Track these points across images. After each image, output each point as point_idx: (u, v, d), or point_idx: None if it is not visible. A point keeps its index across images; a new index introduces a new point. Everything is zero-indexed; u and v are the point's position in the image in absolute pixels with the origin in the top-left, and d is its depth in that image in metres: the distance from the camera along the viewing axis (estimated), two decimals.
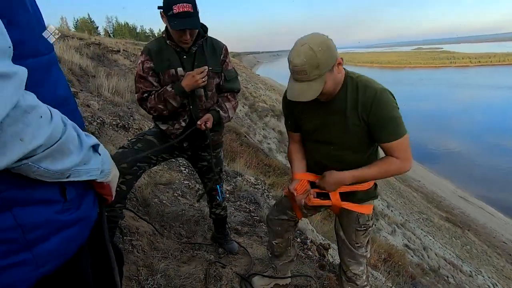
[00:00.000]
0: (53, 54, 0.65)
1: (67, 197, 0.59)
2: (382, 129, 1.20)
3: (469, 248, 11.22)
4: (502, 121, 30.47)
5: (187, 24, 1.34)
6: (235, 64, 32.01)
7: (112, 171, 0.71)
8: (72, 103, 0.70)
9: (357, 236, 1.44)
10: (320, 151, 1.36)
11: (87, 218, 0.66)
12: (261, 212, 2.79)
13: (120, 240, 1.74)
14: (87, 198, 0.67)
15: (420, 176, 19.02)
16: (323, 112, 1.27)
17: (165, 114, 1.53)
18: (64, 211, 0.59)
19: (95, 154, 0.63)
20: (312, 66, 1.08)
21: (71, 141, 0.54)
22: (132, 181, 1.48)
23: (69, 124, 0.55)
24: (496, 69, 78.69)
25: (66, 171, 0.54)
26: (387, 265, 4.62)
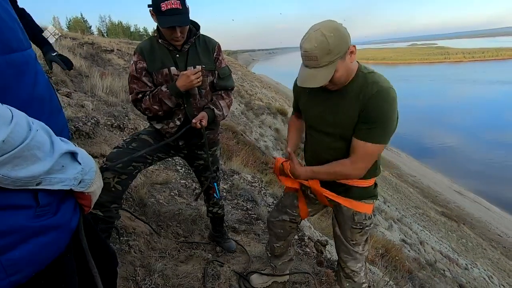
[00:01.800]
0: (29, 52, 0.61)
1: (40, 201, 0.56)
2: (365, 123, 1.16)
3: (465, 242, 11.36)
4: (496, 115, 30.80)
5: (176, 21, 1.32)
6: (230, 62, 31.89)
7: (96, 182, 0.67)
8: (55, 104, 0.66)
9: (353, 234, 1.43)
10: (318, 140, 1.35)
11: (65, 225, 0.63)
12: (258, 210, 2.79)
13: (116, 241, 1.73)
14: (66, 204, 0.64)
15: (416, 171, 19.17)
16: (330, 100, 1.25)
17: (160, 115, 1.52)
18: (37, 217, 0.56)
19: (73, 163, 0.59)
20: (323, 52, 1.05)
21: (39, 147, 0.50)
22: (127, 181, 1.46)
23: (37, 128, 0.50)
24: (489, 64, 79.38)
25: (33, 178, 0.51)
26: (384, 260, 4.66)
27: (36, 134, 0.49)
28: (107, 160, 1.42)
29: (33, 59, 0.62)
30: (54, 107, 0.66)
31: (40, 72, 0.63)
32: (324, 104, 1.27)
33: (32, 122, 0.50)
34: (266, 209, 2.94)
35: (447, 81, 55.70)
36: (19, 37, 0.58)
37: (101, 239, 0.95)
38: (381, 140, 1.16)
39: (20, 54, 0.57)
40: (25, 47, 0.60)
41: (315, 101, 1.31)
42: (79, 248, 0.72)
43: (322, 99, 1.28)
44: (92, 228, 0.90)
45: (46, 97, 0.63)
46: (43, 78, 0.64)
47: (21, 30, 0.60)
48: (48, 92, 0.65)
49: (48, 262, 0.60)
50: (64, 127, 0.70)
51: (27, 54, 0.60)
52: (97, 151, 2.59)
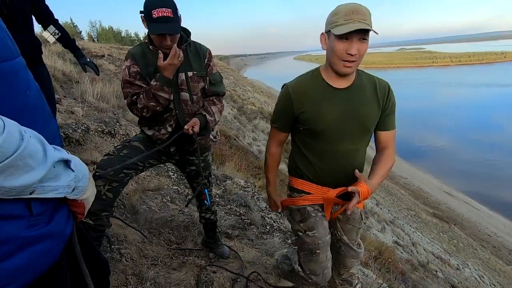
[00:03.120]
0: (19, 61, 0.61)
1: (33, 211, 0.56)
2: (391, 116, 1.29)
3: (456, 242, 11.53)
4: (482, 117, 31.59)
5: (166, 29, 1.32)
6: (222, 67, 31.95)
7: (89, 189, 0.67)
8: (47, 112, 0.66)
9: (358, 235, 1.44)
10: (335, 149, 1.25)
11: (58, 233, 0.63)
12: (251, 215, 2.79)
13: (107, 249, 1.71)
14: (60, 212, 0.63)
15: (407, 173, 19.44)
16: (342, 100, 1.22)
17: (158, 111, 1.48)
18: (31, 226, 0.56)
19: (67, 170, 0.59)
20: (369, 13, 1.10)
21: (32, 156, 0.49)
22: (118, 188, 1.45)
23: (29, 137, 0.50)
24: (475, 68, 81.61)
25: (26, 188, 0.50)
26: (378, 262, 4.69)
27: (28, 143, 0.49)
28: (98, 167, 1.40)
29: (23, 68, 0.61)
30: (46, 114, 0.66)
31: (31, 80, 0.63)
32: (338, 106, 1.22)
33: (25, 131, 0.49)
34: (259, 214, 2.94)
35: (435, 84, 56.97)
36: (7, 47, 0.58)
37: (92, 247, 0.94)
38: (395, 124, 1.33)
39: (10, 64, 0.57)
40: (14, 56, 0.59)
41: (328, 104, 1.22)
42: (72, 257, 0.72)
43: (335, 100, 1.22)
44: (83, 236, 0.89)
45: (38, 105, 0.63)
46: (35, 86, 0.64)
47: (10, 39, 0.60)
48: (40, 100, 0.64)
49: (43, 272, 0.60)
50: (56, 134, 0.70)
51: (17, 63, 0.59)
52: (88, 158, 2.55)
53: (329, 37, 1.16)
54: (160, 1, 1.30)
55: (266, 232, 2.60)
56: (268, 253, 2.26)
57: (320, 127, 1.23)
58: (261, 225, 2.71)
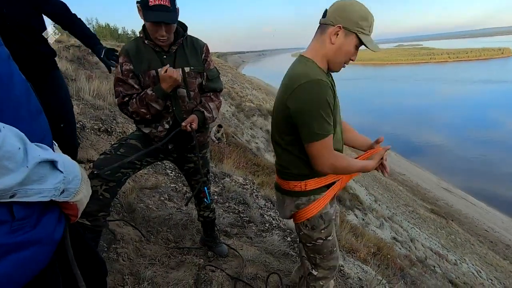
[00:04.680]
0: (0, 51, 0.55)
1: (15, 215, 0.52)
2: None
3: (454, 238, 11.61)
4: (480, 113, 31.71)
5: (162, 17, 1.28)
6: (220, 64, 31.80)
7: (82, 190, 0.63)
8: (33, 107, 0.61)
9: None
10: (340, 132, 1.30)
11: (46, 239, 0.59)
12: (250, 213, 2.77)
13: (104, 249, 1.68)
14: (48, 216, 0.59)
15: (405, 169, 19.51)
16: None
17: (148, 118, 1.47)
18: (13, 232, 0.52)
19: (54, 172, 0.54)
20: None
21: (9, 157, 0.45)
22: (116, 188, 1.42)
23: (5, 135, 0.45)
24: (473, 64, 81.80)
25: (4, 192, 0.46)
26: (377, 258, 4.70)
27: (4, 142, 0.44)
28: (95, 167, 1.37)
29: (5, 59, 0.56)
30: (33, 110, 0.61)
31: (15, 73, 0.58)
32: None
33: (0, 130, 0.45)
34: (258, 211, 2.92)
35: (433, 81, 57.07)
36: None
37: (89, 247, 0.91)
38: None
39: None
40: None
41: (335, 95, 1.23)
42: (65, 259, 0.68)
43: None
44: (79, 235, 0.86)
45: (23, 100, 0.58)
46: (19, 79, 0.59)
47: None
48: (25, 94, 0.59)
49: (29, 280, 0.56)
50: (46, 132, 0.65)
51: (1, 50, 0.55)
52: (84, 157, 2.51)
53: (348, 37, 1.09)
54: None
55: (265, 230, 2.58)
56: (268, 251, 2.24)
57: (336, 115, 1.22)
58: (260, 223, 2.69)
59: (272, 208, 3.18)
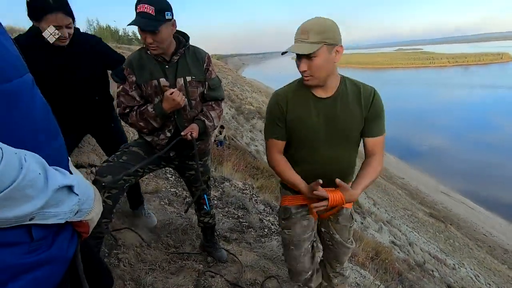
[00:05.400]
0: (25, 78, 0.57)
1: (34, 236, 0.53)
2: (377, 122, 1.28)
3: (452, 242, 11.62)
4: (478, 118, 31.85)
5: (142, 23, 1.31)
6: (220, 66, 31.88)
7: (94, 209, 0.65)
8: (52, 129, 0.63)
9: (349, 232, 1.49)
10: (319, 154, 1.29)
11: (60, 257, 0.60)
12: (249, 218, 2.79)
13: (105, 254, 1.70)
14: (62, 235, 0.61)
15: (404, 173, 19.56)
16: (324, 108, 1.25)
17: (145, 132, 1.53)
18: (31, 252, 0.53)
19: (70, 195, 0.56)
20: (317, 28, 1.12)
21: (31, 185, 0.46)
22: (118, 195, 1.44)
23: (29, 164, 0.46)
24: (472, 69, 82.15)
25: (25, 217, 0.48)
26: (375, 262, 4.71)
27: (28, 172, 0.45)
28: (98, 174, 1.40)
29: (30, 85, 0.58)
30: (52, 132, 0.63)
31: (36, 96, 0.60)
32: (320, 114, 1.25)
33: (25, 159, 0.46)
34: (257, 216, 2.94)
35: (433, 85, 57.29)
36: (13, 64, 0.55)
37: (95, 257, 0.93)
38: (385, 128, 1.32)
39: (15, 82, 0.54)
40: (21, 74, 0.56)
41: (308, 113, 1.26)
42: (74, 274, 0.70)
43: (317, 109, 1.25)
44: (86, 246, 0.88)
45: (43, 123, 0.60)
46: (40, 102, 0.61)
47: (16, 57, 0.57)
48: (45, 118, 0.61)
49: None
50: (63, 152, 0.67)
51: (23, 81, 0.56)
52: (85, 161, 2.54)
53: None
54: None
55: (264, 235, 2.60)
56: (267, 257, 2.26)
57: (302, 133, 1.29)
58: (259, 228, 2.71)
59: (271, 213, 3.21)
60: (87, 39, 1.66)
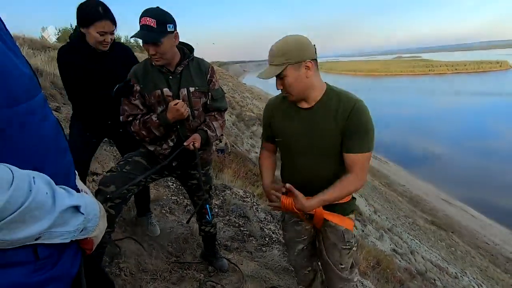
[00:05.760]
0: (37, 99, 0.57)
1: (39, 255, 0.54)
2: (355, 138, 1.21)
3: (454, 250, 11.51)
4: (478, 125, 31.88)
5: (142, 36, 1.36)
6: (221, 73, 32.10)
7: (99, 227, 0.65)
8: (62, 147, 0.63)
9: (342, 256, 1.38)
10: (299, 162, 1.33)
11: (65, 275, 0.61)
12: (250, 227, 2.79)
13: (106, 264, 1.70)
14: (66, 253, 0.61)
15: (405, 180, 19.49)
16: (304, 118, 1.28)
17: (147, 141, 1.55)
18: (36, 271, 0.53)
19: (76, 215, 0.56)
20: (278, 52, 1.17)
21: (39, 207, 0.46)
22: (121, 204, 1.46)
23: (38, 187, 0.46)
24: (471, 76, 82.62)
25: (31, 237, 0.48)
26: (376, 271, 4.67)
27: (36, 195, 0.46)
28: (101, 184, 1.41)
29: (41, 105, 0.59)
30: (61, 149, 0.63)
31: (48, 116, 0.60)
32: (299, 124, 1.29)
33: (34, 181, 0.46)
34: (258, 225, 2.94)
35: (432, 92, 57.53)
36: (25, 86, 0.54)
37: (98, 269, 0.93)
38: (371, 147, 1.24)
39: (26, 105, 0.53)
40: (34, 94, 0.56)
41: (290, 121, 1.32)
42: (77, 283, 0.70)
43: (297, 118, 1.30)
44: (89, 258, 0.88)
45: (52, 139, 0.60)
46: (52, 121, 0.61)
47: (30, 77, 0.57)
48: (54, 137, 0.61)
49: None
50: (71, 168, 0.67)
51: (34, 102, 0.56)
52: None
53: None
54: (148, 12, 1.35)
55: (265, 244, 2.60)
56: (268, 266, 2.26)
57: (283, 141, 1.37)
58: (260, 237, 2.70)
59: (272, 221, 3.20)
60: (122, 47, 1.81)
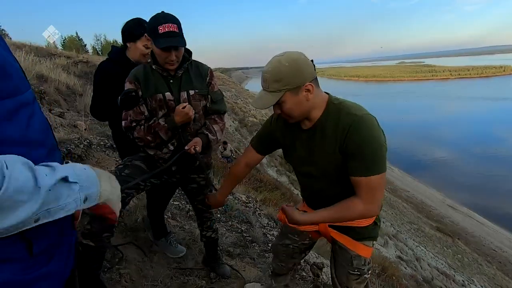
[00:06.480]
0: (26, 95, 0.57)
1: (33, 251, 0.52)
2: (354, 158, 1.06)
3: (461, 257, 11.30)
4: (483, 130, 31.62)
5: (174, 42, 1.36)
6: (224, 79, 32.30)
7: (106, 190, 0.62)
8: (49, 144, 0.63)
9: (349, 280, 1.31)
10: (306, 184, 1.30)
11: (57, 273, 0.59)
12: (253, 232, 2.75)
13: (105, 269, 1.67)
14: (60, 249, 0.60)
15: (410, 186, 19.28)
16: (304, 141, 1.19)
17: (151, 146, 1.54)
18: (29, 268, 0.52)
19: (68, 186, 0.53)
20: (273, 77, 1.05)
21: (20, 191, 0.44)
22: None
23: (12, 171, 0.44)
24: (475, 81, 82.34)
25: (25, 222, 0.46)
26: (381, 279, 4.58)
27: (10, 180, 0.43)
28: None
29: (31, 102, 0.59)
30: (49, 146, 0.63)
31: (37, 113, 0.60)
32: (301, 147, 1.22)
33: (6, 165, 0.43)
34: (261, 231, 2.90)
35: (436, 98, 57.34)
36: (23, 78, 0.56)
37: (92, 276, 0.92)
38: (380, 168, 1.06)
39: (27, 94, 0.56)
40: (26, 88, 0.58)
41: (293, 140, 1.25)
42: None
43: (299, 141, 1.22)
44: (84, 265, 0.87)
45: (41, 137, 0.60)
46: (40, 118, 0.61)
47: (19, 74, 0.58)
48: (45, 132, 0.62)
49: None
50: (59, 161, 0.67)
51: (29, 94, 0.58)
52: None
53: None
54: (165, 17, 1.35)
55: (268, 250, 2.56)
56: None
57: (292, 162, 1.30)
58: (263, 243, 2.66)
59: (275, 227, 3.16)
60: None
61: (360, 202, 1.09)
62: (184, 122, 1.50)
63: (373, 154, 1.05)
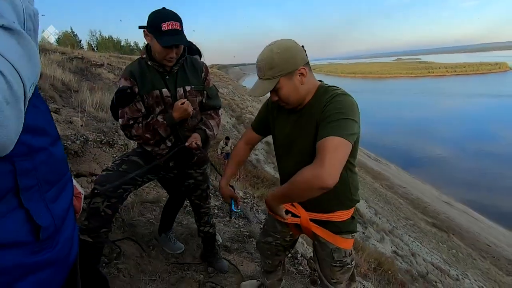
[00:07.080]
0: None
1: (40, 236, 0.53)
2: (327, 123, 1.04)
3: (455, 252, 11.45)
4: (478, 127, 31.90)
5: (177, 40, 1.35)
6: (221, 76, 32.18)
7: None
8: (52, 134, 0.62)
9: (333, 272, 1.33)
10: (288, 165, 1.27)
11: (63, 259, 0.60)
12: (250, 227, 2.77)
13: (103, 264, 1.68)
14: (64, 235, 0.60)
15: (406, 182, 19.44)
16: (294, 120, 1.23)
17: (150, 143, 1.53)
18: (35, 253, 0.53)
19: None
20: (267, 65, 1.11)
21: None
22: (117, 204, 1.44)
23: None
24: (471, 78, 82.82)
25: None
26: (377, 273, 4.64)
27: None
28: (97, 183, 1.39)
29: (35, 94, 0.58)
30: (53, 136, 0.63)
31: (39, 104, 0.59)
32: (290, 125, 1.24)
33: None
34: (258, 226, 2.92)
35: (432, 94, 57.64)
36: None
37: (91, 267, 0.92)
38: (343, 133, 0.99)
39: None
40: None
41: (281, 122, 1.29)
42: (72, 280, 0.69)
43: (289, 120, 1.24)
44: (85, 258, 0.87)
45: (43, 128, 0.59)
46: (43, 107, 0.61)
47: None
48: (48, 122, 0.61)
49: None
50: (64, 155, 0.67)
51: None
52: (86, 170, 2.53)
53: None
54: (168, 15, 1.33)
55: None
56: None
57: (279, 143, 1.32)
58: None
59: None
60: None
61: (315, 165, 0.97)
62: (182, 118, 1.49)
63: (339, 121, 1.02)
